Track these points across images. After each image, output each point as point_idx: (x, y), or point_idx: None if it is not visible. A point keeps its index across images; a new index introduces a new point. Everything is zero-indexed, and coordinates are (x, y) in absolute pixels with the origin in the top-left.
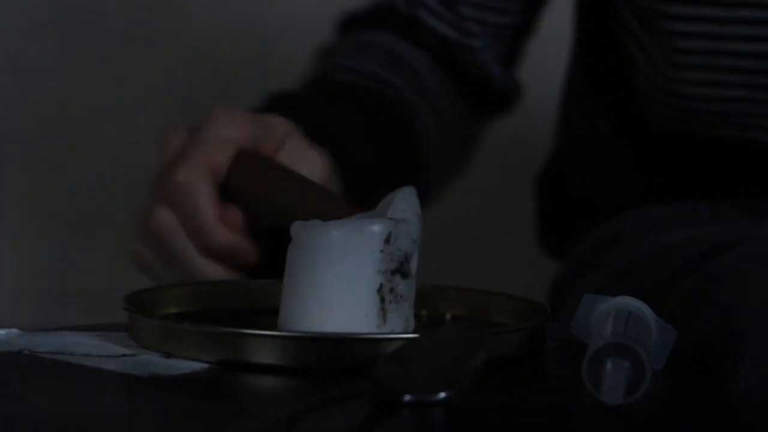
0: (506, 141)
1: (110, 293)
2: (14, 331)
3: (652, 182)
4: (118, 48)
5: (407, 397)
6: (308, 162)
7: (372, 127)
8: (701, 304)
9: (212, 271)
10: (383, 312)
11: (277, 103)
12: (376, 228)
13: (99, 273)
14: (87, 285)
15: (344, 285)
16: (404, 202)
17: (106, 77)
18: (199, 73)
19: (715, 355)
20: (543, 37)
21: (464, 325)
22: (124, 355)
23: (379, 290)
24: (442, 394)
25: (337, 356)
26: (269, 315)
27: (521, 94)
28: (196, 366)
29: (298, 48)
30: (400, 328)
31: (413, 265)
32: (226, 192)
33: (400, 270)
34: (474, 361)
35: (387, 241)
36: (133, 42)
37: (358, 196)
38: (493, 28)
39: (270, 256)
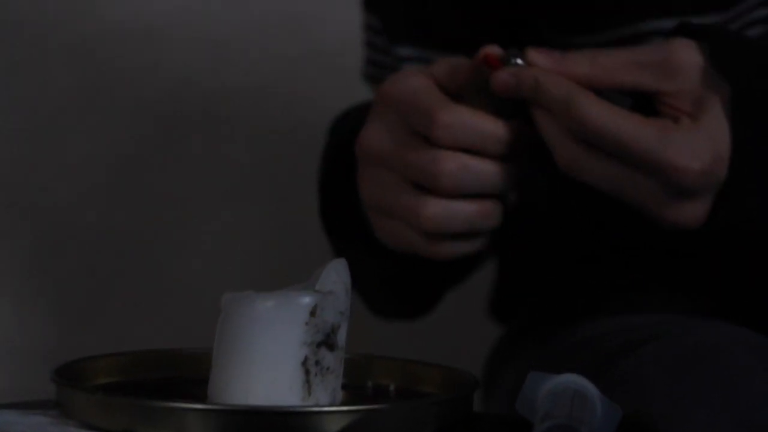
0: None
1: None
2: None
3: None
4: (63, 105)
5: None
6: None
7: None
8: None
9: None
10: (308, 384)
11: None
12: (302, 300)
13: (41, 333)
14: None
15: (269, 357)
16: (334, 274)
17: (52, 134)
18: (142, 128)
19: None
20: None
21: (409, 402)
22: None
23: (304, 362)
24: None
25: (261, 429)
26: (201, 384)
27: None
28: None
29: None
30: (326, 400)
31: (341, 337)
32: None
33: (326, 342)
34: None
35: (312, 313)
36: (77, 98)
37: None
38: None
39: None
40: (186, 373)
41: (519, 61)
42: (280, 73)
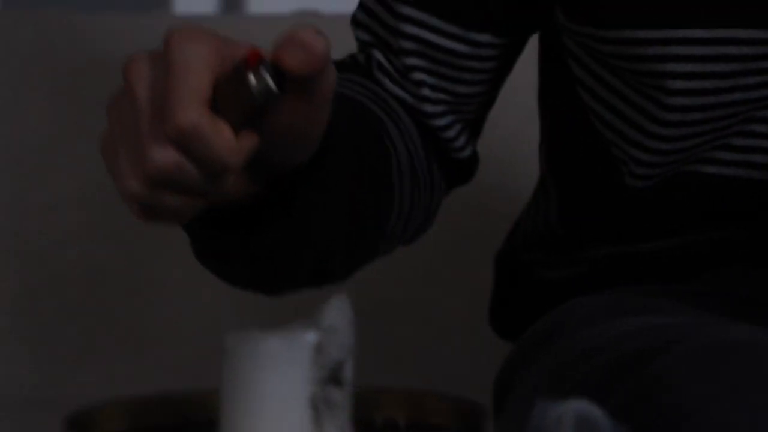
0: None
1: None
2: None
3: (595, 260)
4: (44, 142)
5: None
6: None
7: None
8: (642, 407)
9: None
10: (318, 422)
11: None
12: (306, 338)
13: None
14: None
15: (277, 397)
16: (336, 310)
17: (34, 171)
18: None
19: None
20: (521, 109)
21: None
22: None
23: (312, 400)
24: None
25: None
26: (211, 428)
27: (476, 168)
28: None
29: None
30: None
31: (347, 372)
32: None
33: (333, 378)
34: None
35: (318, 350)
36: (60, 135)
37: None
38: (447, 95)
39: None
40: (196, 417)
41: (268, 78)
42: None
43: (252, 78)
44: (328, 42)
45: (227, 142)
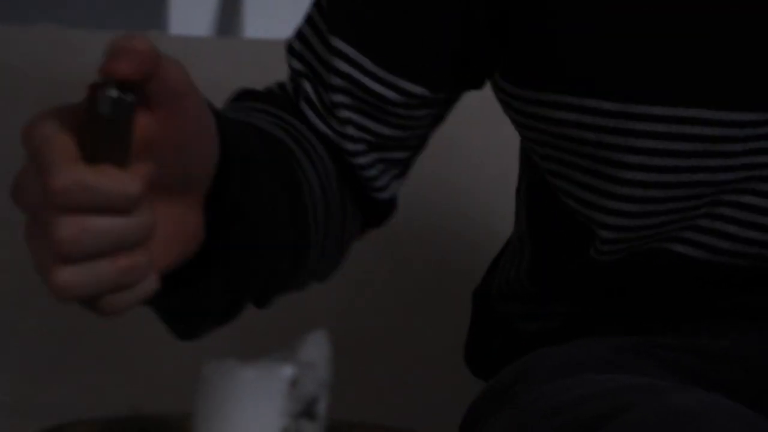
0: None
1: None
2: None
3: (570, 311)
4: None
5: None
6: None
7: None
8: None
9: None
10: None
11: None
12: (283, 372)
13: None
14: None
15: (249, 427)
16: (314, 345)
17: None
18: None
19: None
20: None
21: None
22: None
23: None
24: None
25: None
26: None
27: (393, 213)
28: None
29: None
30: None
31: (321, 407)
32: None
33: (307, 412)
34: None
35: (293, 384)
36: None
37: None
38: (371, 134)
39: None
40: None
41: (113, 92)
42: None
43: (100, 100)
44: (147, 40)
45: (113, 175)
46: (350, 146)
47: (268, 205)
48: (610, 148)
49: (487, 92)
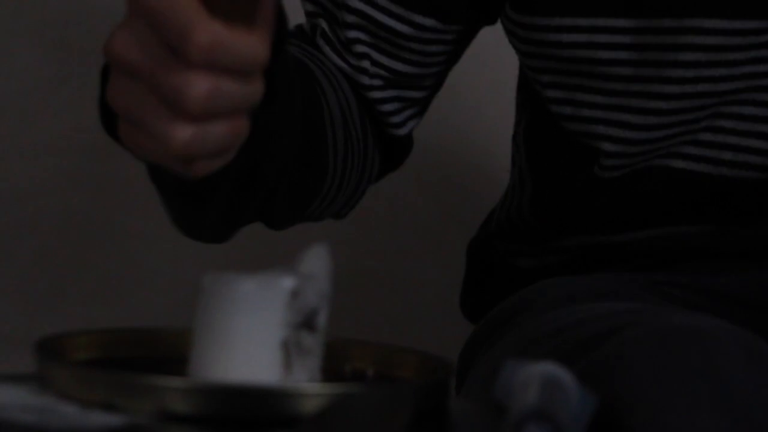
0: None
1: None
2: None
3: (568, 249)
4: (27, 87)
5: None
6: None
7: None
8: (593, 386)
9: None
10: (288, 364)
11: None
12: (284, 282)
13: (5, 316)
14: None
15: (250, 337)
16: (315, 258)
17: (15, 116)
18: None
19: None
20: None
21: (388, 386)
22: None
23: (284, 343)
24: None
25: (248, 406)
26: (182, 363)
27: (410, 150)
28: (112, 420)
29: None
30: (305, 381)
31: (321, 319)
32: None
33: (307, 324)
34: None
35: (294, 295)
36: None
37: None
38: (386, 71)
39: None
40: (166, 352)
41: None
42: None
43: None
44: None
45: (247, 38)
46: (367, 80)
47: (296, 121)
48: (618, 64)
49: (484, 36)
